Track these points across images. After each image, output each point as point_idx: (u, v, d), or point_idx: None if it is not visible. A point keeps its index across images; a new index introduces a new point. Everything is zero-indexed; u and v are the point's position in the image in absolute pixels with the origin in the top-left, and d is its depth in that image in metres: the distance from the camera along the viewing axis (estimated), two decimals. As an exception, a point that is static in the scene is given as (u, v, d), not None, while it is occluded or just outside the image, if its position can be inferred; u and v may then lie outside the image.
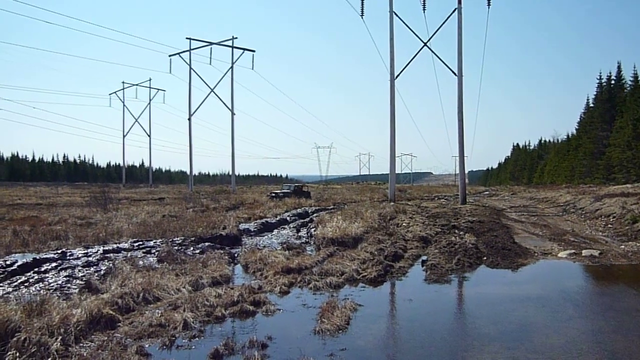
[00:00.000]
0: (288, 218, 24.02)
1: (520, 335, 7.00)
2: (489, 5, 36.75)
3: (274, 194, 41.97)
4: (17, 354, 5.60)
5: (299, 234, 18.62)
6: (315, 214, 26.21)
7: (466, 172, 36.51)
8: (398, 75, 35.82)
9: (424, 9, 37.31)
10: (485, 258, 12.95)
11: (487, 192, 68.77)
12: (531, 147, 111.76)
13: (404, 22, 35.74)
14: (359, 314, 8.06)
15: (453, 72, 34.09)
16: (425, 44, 36.20)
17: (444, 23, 35.45)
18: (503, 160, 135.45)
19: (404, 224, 19.61)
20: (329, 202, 36.99)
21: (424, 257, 13.18)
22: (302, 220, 23.51)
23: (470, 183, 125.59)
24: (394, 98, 35.55)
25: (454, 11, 34.25)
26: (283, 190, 44.05)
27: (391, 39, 35.37)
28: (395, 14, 35.34)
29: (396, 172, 37.77)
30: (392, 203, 32.47)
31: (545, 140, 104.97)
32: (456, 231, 17.40)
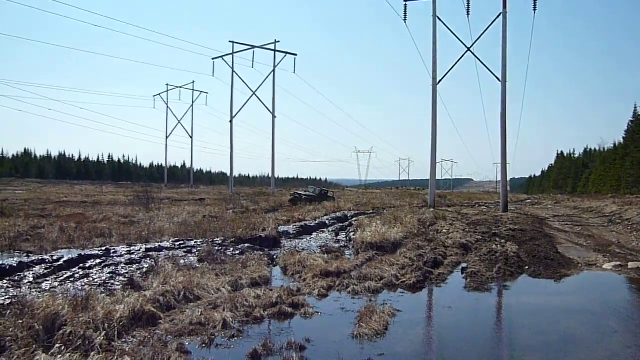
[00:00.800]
0: (327, 221, 24.04)
1: (563, 347, 6.85)
2: (534, 9, 36.07)
3: (297, 195, 39.76)
4: (63, 347, 5.75)
5: (338, 238, 18.63)
6: (354, 218, 26.18)
7: (508, 179, 35.87)
8: (440, 80, 35.52)
9: (467, 14, 36.89)
10: (527, 267, 12.71)
11: (529, 200, 67.48)
12: (576, 155, 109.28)
13: (447, 27, 35.38)
14: (397, 319, 8.01)
15: (497, 77, 33.58)
16: (468, 49, 35.77)
17: (488, 28, 34.95)
18: (546, 168, 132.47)
19: (443, 231, 19.40)
20: (368, 206, 36.89)
21: (464, 265, 13.01)
22: (341, 224, 23.51)
23: (512, 191, 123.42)
24: (436, 103, 35.27)
25: (498, 16, 33.71)
26: (308, 193, 41.30)
27: (434, 43, 35.09)
28: (439, 18, 35.08)
29: (436, 178, 37.34)
30: (431, 209, 32.18)
31: (590, 149, 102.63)
32: (497, 239, 17.11)
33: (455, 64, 36.41)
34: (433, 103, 35.22)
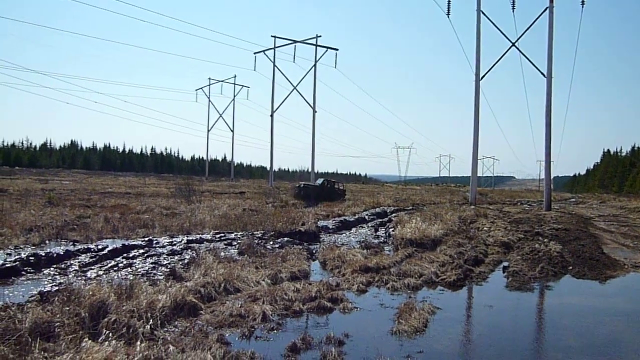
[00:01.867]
0: (366, 217, 23.99)
1: (607, 350, 6.68)
2: (582, 4, 35.22)
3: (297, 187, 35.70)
4: (110, 334, 5.90)
5: (377, 234, 18.56)
6: (393, 214, 26.04)
7: (552, 177, 35.07)
8: (484, 75, 35.04)
9: (513, 8, 36.28)
10: (570, 267, 12.44)
11: (573, 200, 65.90)
12: (623, 154, 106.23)
13: (491, 22, 34.90)
14: (437, 317, 7.95)
15: (542, 73, 32.91)
16: (513, 44, 35.16)
17: (534, 23, 34.29)
18: (592, 167, 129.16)
19: (484, 229, 19.15)
20: (408, 202, 36.65)
21: (506, 263, 12.82)
22: (381, 220, 23.42)
23: (555, 189, 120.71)
24: (479, 99, 34.79)
25: (544, 10, 33.05)
26: (308, 184, 36.75)
27: (477, 38, 34.62)
28: (483, 13, 34.54)
29: (477, 175, 36.82)
30: (472, 206, 31.81)
31: (638, 147, 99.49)
32: (540, 238, 16.78)
33: (499, 59, 35.94)
34: (475, 99, 34.75)
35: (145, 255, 11.69)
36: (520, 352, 6.56)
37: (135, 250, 12.06)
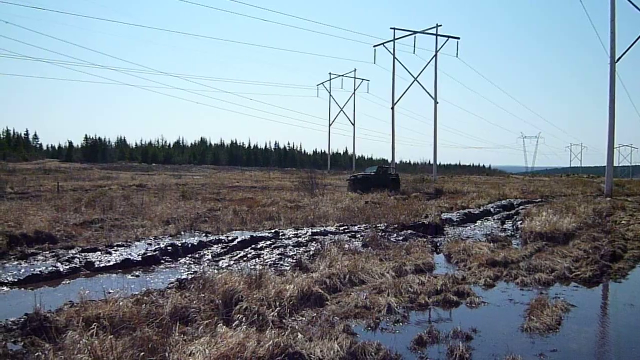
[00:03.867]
0: (492, 209, 23.26)
1: None
2: None
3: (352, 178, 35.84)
4: (243, 319, 6.18)
5: (504, 227, 17.91)
6: (520, 207, 25.02)
7: (701, 166, 32.00)
8: (619, 58, 32.61)
9: (653, -17, 33.44)
10: None
11: None
12: None
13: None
14: (571, 314, 7.52)
15: (688, 53, 30.13)
16: (654, 23, 32.44)
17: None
18: None
19: (622, 222, 17.88)
20: (536, 194, 35.02)
21: (648, 259, 11.89)
22: (507, 213, 22.59)
23: None
24: (614, 83, 32.46)
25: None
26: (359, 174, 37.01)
27: (612, 18, 32.28)
28: (618, -10, 32.13)
29: (613, 164, 34.46)
30: (608, 198, 29.81)
31: None
32: (688, 232, 15.40)
33: (637, 39, 33.25)
34: (610, 83, 32.47)
35: (272, 246, 12.10)
36: (667, 355, 6.06)
37: (263, 242, 12.53)
